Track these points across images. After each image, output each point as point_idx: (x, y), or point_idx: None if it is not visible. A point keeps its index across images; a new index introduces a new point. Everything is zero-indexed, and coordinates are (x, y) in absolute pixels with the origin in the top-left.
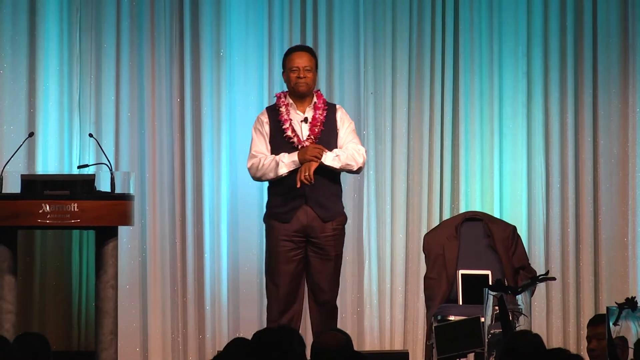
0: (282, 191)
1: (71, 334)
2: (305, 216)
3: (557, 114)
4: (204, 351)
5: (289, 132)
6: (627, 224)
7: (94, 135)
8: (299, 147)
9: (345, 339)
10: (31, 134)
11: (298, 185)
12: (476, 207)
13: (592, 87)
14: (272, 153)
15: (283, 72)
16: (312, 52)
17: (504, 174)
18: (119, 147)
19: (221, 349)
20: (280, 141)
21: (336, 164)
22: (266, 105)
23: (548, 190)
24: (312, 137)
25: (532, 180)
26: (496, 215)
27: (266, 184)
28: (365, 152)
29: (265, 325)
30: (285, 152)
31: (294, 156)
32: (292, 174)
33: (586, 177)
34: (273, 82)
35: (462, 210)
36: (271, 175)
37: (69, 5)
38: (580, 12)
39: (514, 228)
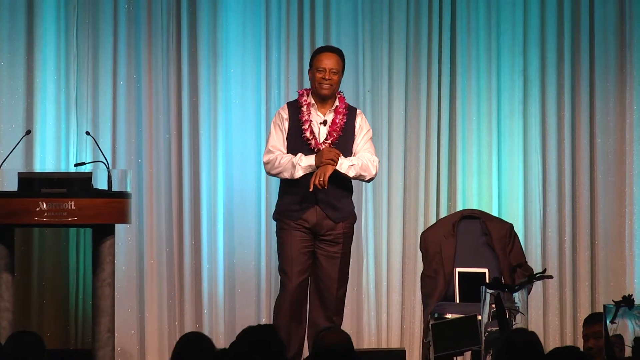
0: (294, 191)
1: (68, 332)
2: (316, 216)
3: (554, 111)
4: None
5: (307, 134)
6: (624, 222)
7: (91, 133)
8: (315, 149)
9: (347, 337)
10: (28, 132)
11: (311, 189)
12: (473, 205)
13: (589, 85)
14: (287, 150)
15: (309, 70)
16: (341, 55)
17: (501, 171)
18: (116, 145)
19: (218, 346)
20: (297, 140)
21: (351, 173)
22: (263, 104)
23: (545, 188)
24: (329, 141)
25: (529, 178)
26: (493, 213)
27: (269, 182)
28: (379, 162)
29: (259, 322)
30: (301, 152)
31: (311, 160)
32: (306, 174)
33: (583, 175)
34: (270, 80)
35: (459, 208)
36: (286, 175)
37: (66, 3)
38: (577, 10)
39: (511, 226)
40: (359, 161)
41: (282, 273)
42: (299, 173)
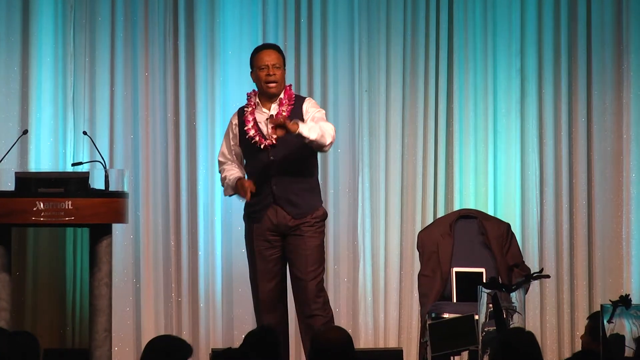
0: (255, 192)
1: (65, 332)
2: (275, 215)
3: (551, 111)
4: (197, 349)
5: (251, 133)
6: (621, 221)
7: (88, 133)
8: (261, 146)
9: (347, 335)
10: (25, 132)
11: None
12: (470, 205)
13: (586, 84)
14: (243, 154)
15: (251, 72)
16: (279, 50)
17: (498, 171)
18: (113, 145)
19: (215, 346)
20: (247, 142)
21: (313, 134)
22: None
23: (542, 187)
24: (275, 135)
25: (526, 178)
26: (490, 212)
27: None
28: (335, 130)
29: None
30: (253, 155)
31: (233, 183)
32: (258, 172)
33: (580, 174)
34: None
35: (456, 207)
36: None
37: (63, 2)
38: (574, 9)
39: (508, 225)
40: (318, 125)
41: (251, 281)
42: (227, 193)
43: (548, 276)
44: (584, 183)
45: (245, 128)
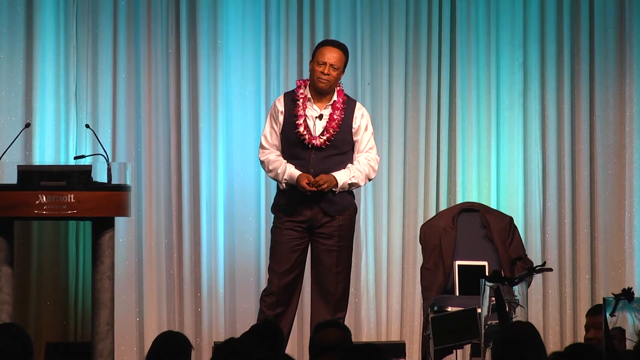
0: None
1: (68, 325)
2: (310, 210)
3: (554, 104)
4: (200, 342)
5: (301, 129)
6: (623, 215)
7: (90, 126)
8: (309, 145)
9: (344, 334)
10: (27, 125)
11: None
12: (473, 198)
13: (589, 78)
14: (282, 144)
15: (311, 61)
16: (345, 51)
17: (501, 164)
18: (116, 138)
19: (218, 340)
20: (292, 135)
21: (354, 186)
22: (262, 96)
23: (545, 180)
24: (325, 137)
25: (529, 171)
26: (493, 205)
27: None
28: (378, 162)
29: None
30: (295, 147)
31: (294, 178)
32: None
33: (583, 167)
34: (269, 73)
35: (459, 200)
36: (272, 177)
37: None
38: (577, 2)
39: (511, 219)
40: (359, 172)
41: (270, 271)
42: (282, 185)
43: (550, 269)
44: (587, 176)
45: (296, 122)
